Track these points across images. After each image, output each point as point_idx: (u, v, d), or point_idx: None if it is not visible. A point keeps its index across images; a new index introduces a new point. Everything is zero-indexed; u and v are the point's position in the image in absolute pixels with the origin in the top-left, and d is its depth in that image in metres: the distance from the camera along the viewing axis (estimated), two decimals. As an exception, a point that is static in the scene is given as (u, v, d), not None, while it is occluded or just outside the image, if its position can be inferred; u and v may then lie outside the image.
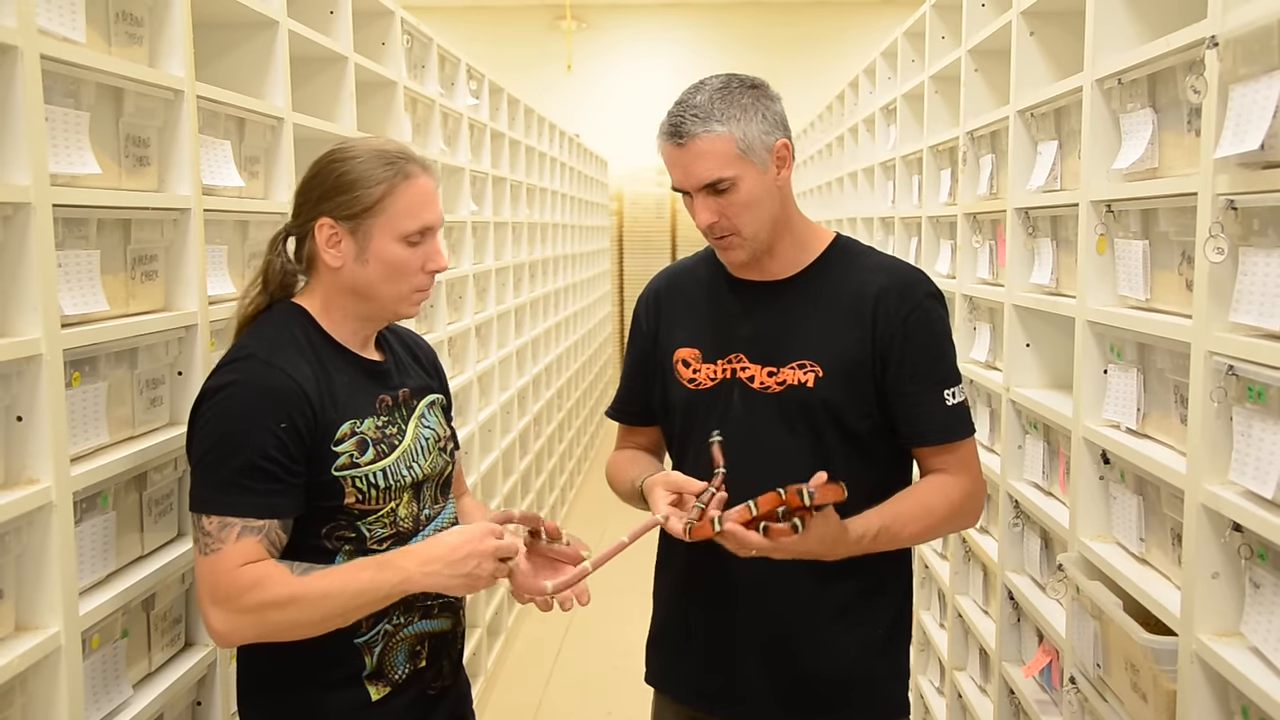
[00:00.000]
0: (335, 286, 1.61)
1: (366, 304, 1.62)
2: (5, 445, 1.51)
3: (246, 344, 1.57)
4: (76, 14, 1.64)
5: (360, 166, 1.57)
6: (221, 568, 1.46)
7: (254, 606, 1.45)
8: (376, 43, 3.22)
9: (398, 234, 1.58)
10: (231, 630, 1.47)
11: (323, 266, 1.61)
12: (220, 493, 1.48)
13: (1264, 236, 1.50)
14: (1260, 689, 1.42)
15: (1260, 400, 1.48)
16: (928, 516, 1.69)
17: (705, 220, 1.69)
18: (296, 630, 1.48)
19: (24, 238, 1.49)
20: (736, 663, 1.76)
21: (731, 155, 1.64)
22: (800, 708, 1.76)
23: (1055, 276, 2.39)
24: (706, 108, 1.65)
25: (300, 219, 1.62)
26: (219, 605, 1.46)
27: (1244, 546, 1.55)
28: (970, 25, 3.00)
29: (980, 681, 2.96)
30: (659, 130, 1.70)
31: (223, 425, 1.50)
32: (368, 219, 1.57)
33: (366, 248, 1.58)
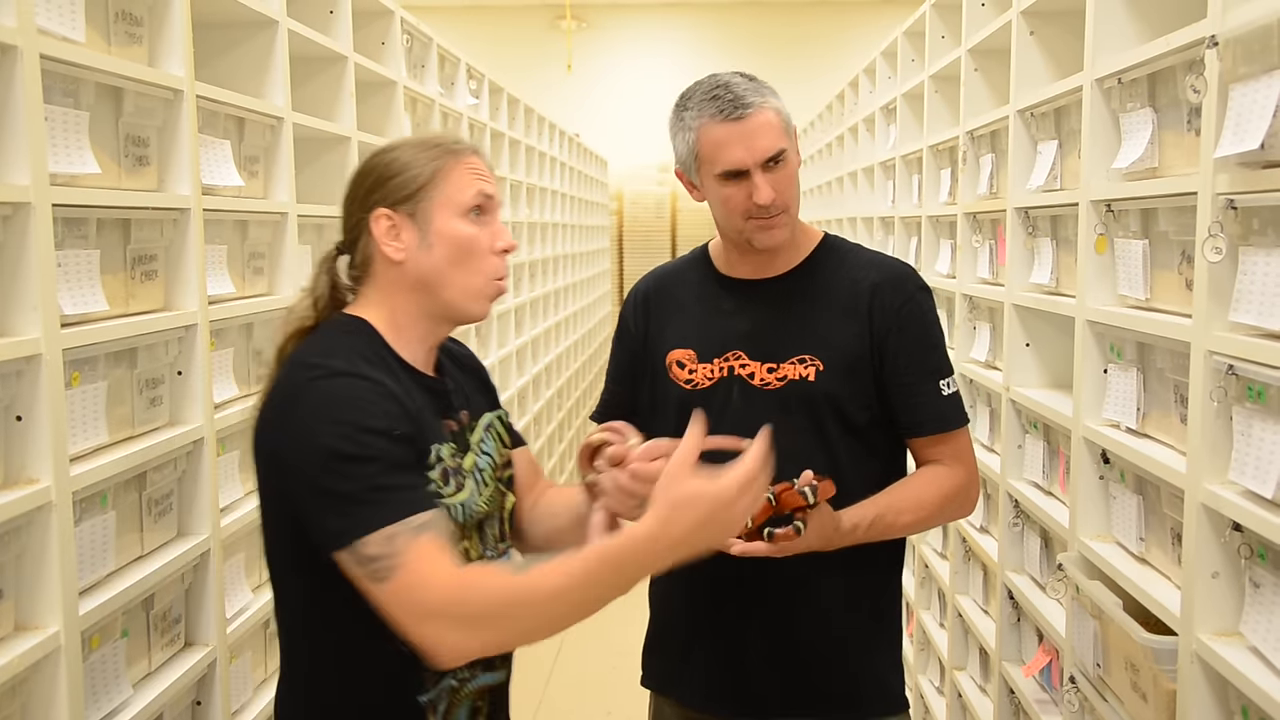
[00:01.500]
0: (400, 285, 1.43)
1: (435, 300, 1.43)
2: (5, 445, 1.51)
3: (324, 360, 1.35)
4: (76, 13, 1.64)
5: (406, 153, 1.45)
6: (414, 583, 1.22)
7: (476, 616, 1.23)
8: (376, 42, 3.22)
9: (459, 208, 1.42)
10: (457, 644, 1.24)
11: (382, 268, 1.43)
12: (364, 506, 1.25)
13: (1264, 236, 1.50)
14: (1260, 688, 1.42)
15: (1260, 400, 1.48)
16: (921, 507, 1.71)
17: (768, 196, 1.66)
18: (531, 635, 1.27)
19: (23, 237, 1.49)
20: (743, 662, 1.76)
21: (782, 128, 1.69)
22: (809, 704, 1.76)
23: (1055, 276, 2.39)
24: (751, 85, 1.69)
25: (351, 223, 1.47)
26: (433, 620, 1.23)
27: (1244, 546, 1.55)
28: (970, 25, 2.99)
29: (980, 681, 2.96)
30: (702, 117, 1.67)
31: (335, 439, 1.26)
32: (424, 198, 1.42)
33: (429, 230, 1.41)
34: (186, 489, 1.96)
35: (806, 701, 1.76)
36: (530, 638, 1.27)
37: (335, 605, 1.32)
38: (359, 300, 1.46)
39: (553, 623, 1.25)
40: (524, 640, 1.29)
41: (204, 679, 1.97)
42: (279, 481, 1.33)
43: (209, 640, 1.98)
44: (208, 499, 1.97)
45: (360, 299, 1.46)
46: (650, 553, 1.23)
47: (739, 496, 1.23)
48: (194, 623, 1.99)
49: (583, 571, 1.22)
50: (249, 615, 2.13)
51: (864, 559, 1.70)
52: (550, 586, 1.22)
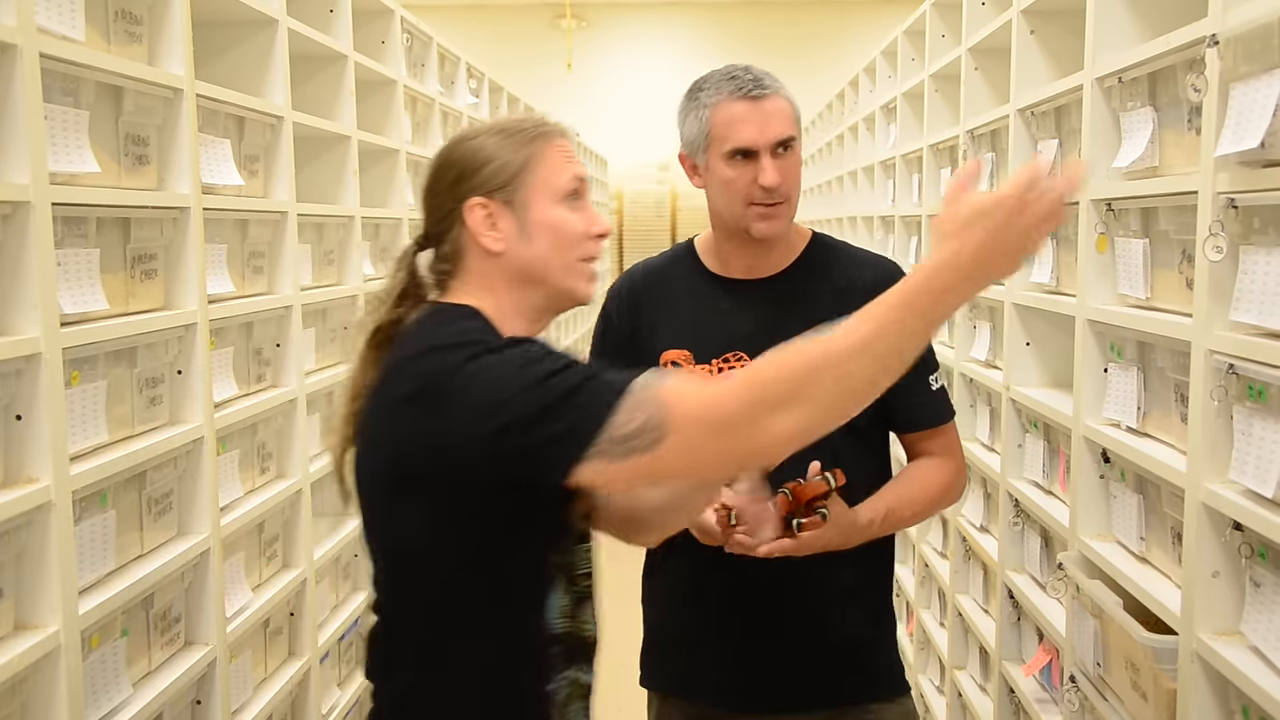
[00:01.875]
0: (501, 278, 1.36)
1: (539, 290, 1.38)
2: (4, 444, 1.51)
3: (462, 336, 1.28)
4: (76, 12, 1.64)
5: (494, 139, 1.38)
6: (695, 413, 1.16)
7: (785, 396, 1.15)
8: (376, 41, 3.22)
9: (556, 194, 1.37)
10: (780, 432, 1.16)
11: (478, 260, 1.36)
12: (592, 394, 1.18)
13: (1264, 235, 1.50)
14: (1260, 688, 1.42)
15: (1260, 399, 1.48)
16: (926, 498, 1.76)
17: (773, 180, 1.69)
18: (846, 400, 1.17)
19: (23, 236, 1.49)
20: (754, 658, 1.78)
21: (795, 118, 1.73)
22: (822, 694, 1.79)
23: (1055, 275, 2.39)
24: (767, 74, 1.73)
25: (438, 215, 1.39)
26: (742, 424, 1.16)
27: (1244, 545, 1.54)
28: (970, 24, 2.99)
29: (980, 680, 2.96)
30: (718, 95, 1.70)
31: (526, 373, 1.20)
32: (521, 185, 1.35)
33: (527, 219, 1.35)
34: (186, 488, 1.96)
35: (819, 691, 1.78)
36: (846, 403, 1.18)
37: (481, 598, 1.30)
38: (452, 294, 1.38)
39: (864, 379, 1.16)
40: (842, 406, 1.18)
41: (204, 678, 1.97)
42: (439, 470, 1.24)
43: (209, 639, 1.98)
44: (207, 498, 1.97)
45: (452, 293, 1.38)
46: (949, 282, 1.15)
47: (1026, 198, 1.15)
48: (193, 622, 1.99)
49: (882, 318, 1.15)
50: (249, 614, 2.13)
51: (864, 550, 1.73)
52: (850, 343, 1.15)
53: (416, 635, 1.34)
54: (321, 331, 2.70)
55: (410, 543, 1.32)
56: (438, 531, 1.29)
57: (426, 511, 1.28)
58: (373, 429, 1.32)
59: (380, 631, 1.38)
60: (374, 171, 3.20)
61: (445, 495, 1.26)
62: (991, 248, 1.15)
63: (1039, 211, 1.16)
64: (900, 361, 1.17)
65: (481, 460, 1.22)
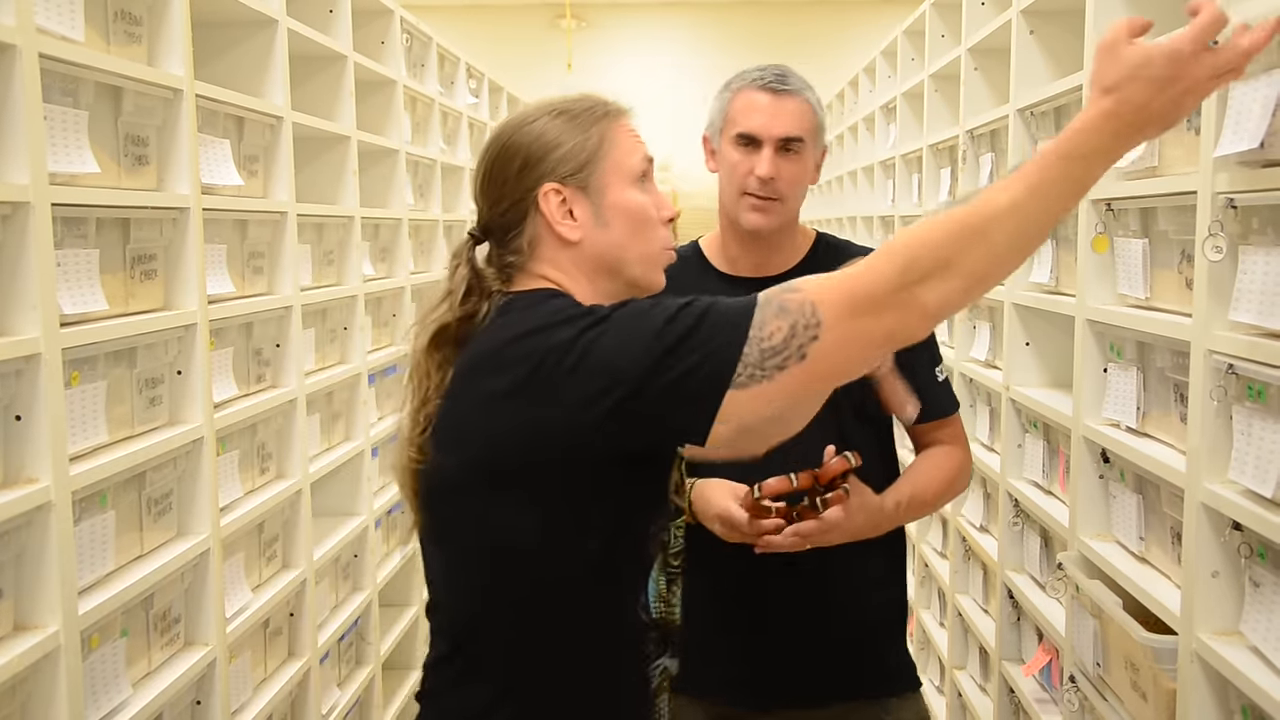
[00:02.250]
0: (577, 269, 1.29)
1: (616, 280, 1.31)
2: (4, 444, 1.51)
3: (559, 311, 1.22)
4: (75, 13, 1.64)
5: (559, 122, 1.31)
6: (844, 299, 1.12)
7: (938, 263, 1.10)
8: (376, 41, 3.22)
9: (630, 176, 1.30)
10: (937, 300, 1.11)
11: (552, 250, 1.29)
12: (723, 319, 1.14)
13: (1263, 235, 1.50)
14: (1260, 688, 1.42)
15: (1260, 399, 1.48)
16: (941, 482, 1.79)
17: (767, 171, 1.72)
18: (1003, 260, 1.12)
19: (23, 237, 1.49)
20: (773, 652, 1.79)
21: (812, 125, 1.75)
22: (839, 687, 1.80)
23: (1055, 275, 2.39)
24: (801, 79, 1.77)
25: (502, 205, 1.31)
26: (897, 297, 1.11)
27: (1244, 545, 1.54)
28: (970, 24, 2.99)
29: (980, 680, 2.96)
30: (744, 81, 1.75)
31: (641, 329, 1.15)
32: (595, 169, 1.29)
33: (602, 204, 1.29)
34: (186, 488, 1.96)
35: (837, 685, 1.79)
36: (993, 268, 1.12)
37: (583, 589, 1.24)
38: (519, 286, 1.31)
39: (1020, 239, 1.11)
40: (1000, 267, 1.13)
41: (203, 678, 1.97)
42: (548, 459, 1.18)
43: (208, 640, 1.98)
44: (207, 498, 1.97)
45: (520, 285, 1.31)
46: (1104, 142, 1.08)
47: (1198, 45, 1.07)
48: (193, 622, 1.99)
49: (1038, 172, 1.09)
50: (248, 615, 2.13)
51: (884, 542, 1.76)
52: (999, 206, 1.09)
53: (505, 637, 1.26)
54: (321, 332, 2.70)
55: (508, 540, 1.24)
56: (543, 522, 1.22)
57: (530, 504, 1.22)
58: (458, 428, 1.24)
59: (453, 645, 1.29)
60: (373, 172, 3.20)
61: (556, 483, 1.20)
62: (1160, 99, 1.07)
63: (1217, 64, 1.08)
64: (1048, 225, 1.12)
65: (599, 438, 1.15)
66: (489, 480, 1.23)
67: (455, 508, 1.26)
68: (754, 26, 11.04)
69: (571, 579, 1.24)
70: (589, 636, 1.26)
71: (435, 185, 3.76)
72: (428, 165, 3.72)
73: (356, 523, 2.83)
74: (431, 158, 3.71)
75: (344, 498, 2.88)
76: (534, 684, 1.26)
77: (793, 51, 10.51)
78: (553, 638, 1.25)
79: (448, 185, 3.99)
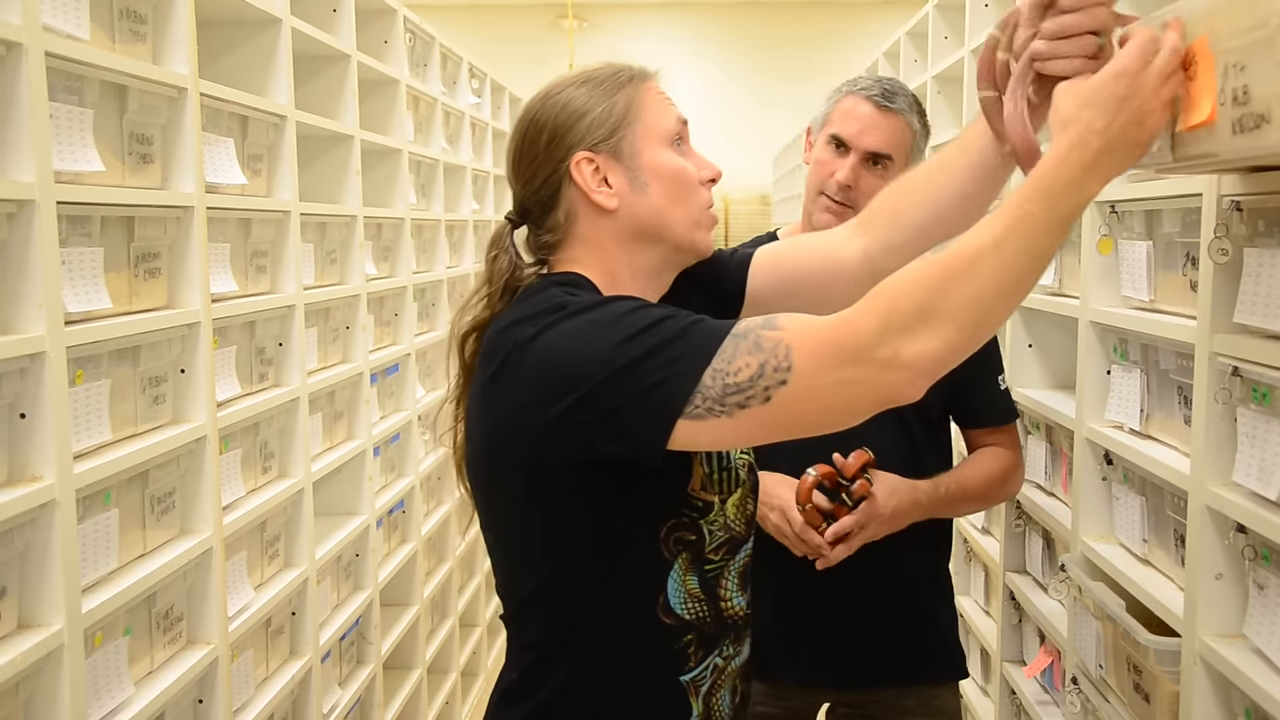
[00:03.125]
0: (616, 239, 1.26)
1: (659, 246, 1.27)
2: (8, 442, 1.51)
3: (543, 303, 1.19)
4: (81, 11, 1.64)
5: (585, 90, 1.27)
6: (823, 347, 1.07)
7: (919, 312, 1.05)
8: (379, 41, 3.22)
9: (664, 137, 1.27)
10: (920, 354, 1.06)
11: (590, 223, 1.26)
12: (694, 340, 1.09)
13: (1269, 238, 1.50)
14: (1264, 690, 1.42)
15: (1265, 402, 1.48)
16: (990, 477, 1.85)
17: (846, 178, 1.76)
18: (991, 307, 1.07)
19: (28, 235, 1.49)
20: (828, 636, 1.85)
21: (905, 148, 1.80)
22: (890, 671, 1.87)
23: (1058, 277, 2.39)
24: (911, 99, 1.82)
25: (535, 182, 1.27)
26: (877, 351, 1.05)
27: (1248, 548, 1.54)
28: (973, 25, 2.99)
29: (981, 682, 2.96)
30: (852, 86, 1.80)
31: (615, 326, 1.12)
32: (627, 133, 1.25)
33: (638, 168, 1.25)
34: (189, 487, 1.96)
35: (890, 670, 1.86)
36: (980, 316, 1.06)
37: (591, 586, 1.21)
38: (558, 266, 1.28)
39: (1006, 279, 1.05)
40: (988, 312, 1.07)
41: (206, 677, 1.97)
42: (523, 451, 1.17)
43: (211, 638, 1.98)
44: (210, 497, 1.97)
45: (559, 265, 1.28)
46: (1080, 164, 1.05)
47: (1141, 61, 1.07)
48: (196, 621, 1.99)
49: (1016, 208, 1.06)
50: (251, 613, 2.13)
51: (928, 530, 1.83)
52: (986, 240, 1.06)
53: (532, 629, 1.25)
54: (324, 331, 2.70)
55: (512, 528, 1.24)
56: (533, 515, 1.21)
57: (521, 494, 1.20)
58: (469, 416, 1.24)
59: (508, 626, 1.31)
60: (376, 171, 3.20)
61: (536, 477, 1.18)
62: (1115, 124, 1.07)
63: (1161, 70, 1.08)
64: (1033, 263, 1.06)
65: (560, 440, 1.13)
66: (489, 467, 1.22)
67: (477, 496, 1.28)
68: (755, 27, 11.05)
69: (567, 573, 1.22)
70: (602, 639, 1.23)
71: (438, 185, 3.76)
72: (430, 165, 3.72)
73: (358, 522, 2.83)
74: (434, 157, 3.71)
75: (346, 497, 2.88)
76: (550, 675, 1.23)
77: (794, 52, 10.52)
78: (562, 630, 1.23)
79: (450, 185, 3.99)
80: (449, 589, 3.85)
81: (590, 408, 1.10)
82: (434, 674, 3.63)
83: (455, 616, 3.88)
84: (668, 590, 1.22)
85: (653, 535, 1.21)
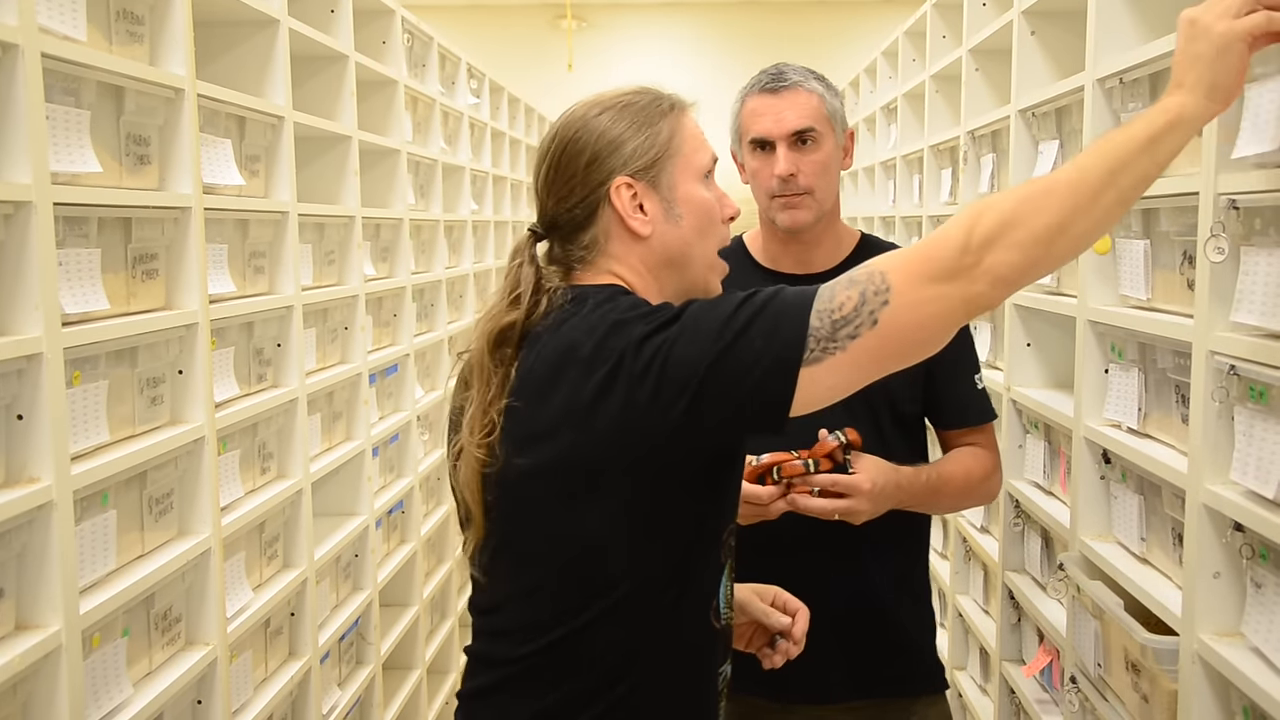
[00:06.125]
0: (645, 263, 1.30)
1: (683, 276, 1.31)
2: (6, 444, 1.51)
3: (634, 307, 1.22)
4: (77, 12, 1.64)
5: (626, 116, 1.31)
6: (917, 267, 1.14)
7: (1002, 226, 1.13)
8: (377, 41, 3.22)
9: (698, 172, 1.31)
10: (1008, 267, 1.13)
11: (621, 246, 1.29)
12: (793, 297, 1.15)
13: (1266, 236, 1.50)
14: (1261, 689, 1.42)
15: (1262, 400, 1.48)
16: (968, 475, 1.81)
17: (785, 169, 1.73)
18: (1079, 222, 1.14)
19: (25, 236, 1.49)
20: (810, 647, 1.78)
21: (821, 113, 1.75)
22: (868, 686, 1.82)
23: (1056, 276, 2.39)
24: (804, 71, 1.77)
25: (570, 201, 1.30)
26: (969, 265, 1.12)
27: (1245, 546, 1.54)
28: (971, 25, 2.99)
29: (980, 681, 2.96)
30: (747, 89, 1.77)
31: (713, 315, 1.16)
32: (667, 164, 1.29)
33: (674, 199, 1.29)
34: (187, 488, 1.96)
35: (865, 684, 1.82)
36: (1070, 229, 1.14)
37: (666, 597, 1.22)
38: (582, 279, 1.31)
39: (1083, 213, 1.13)
40: (1067, 232, 1.14)
41: (204, 678, 1.97)
42: (637, 457, 1.17)
43: (209, 639, 1.98)
44: (208, 498, 1.97)
45: (584, 278, 1.30)
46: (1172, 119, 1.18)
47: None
48: (194, 622, 1.98)
49: (1103, 155, 1.16)
50: (249, 614, 2.13)
51: (905, 537, 1.81)
52: (1070, 177, 1.14)
53: (581, 643, 1.23)
54: (322, 331, 2.70)
55: (593, 544, 1.21)
56: (626, 525, 1.20)
57: (612, 506, 1.19)
58: (537, 428, 1.20)
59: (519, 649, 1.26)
60: (375, 172, 3.20)
61: (637, 486, 1.19)
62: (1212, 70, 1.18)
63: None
64: (1117, 192, 1.15)
65: (680, 437, 1.15)
66: (572, 481, 1.20)
67: (531, 510, 1.23)
68: (754, 27, 11.04)
69: (648, 584, 1.22)
70: (665, 644, 1.24)
71: (436, 185, 3.76)
72: (429, 165, 3.72)
73: (357, 522, 2.83)
74: (432, 158, 3.71)
75: (345, 498, 2.88)
76: (605, 691, 1.23)
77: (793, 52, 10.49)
78: (629, 644, 1.23)
79: (448, 185, 3.99)
80: (448, 589, 3.85)
81: (718, 387, 1.13)
82: (433, 674, 3.63)
83: (455, 617, 3.88)
84: (720, 595, 1.27)
85: (718, 539, 1.25)
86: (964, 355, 1.85)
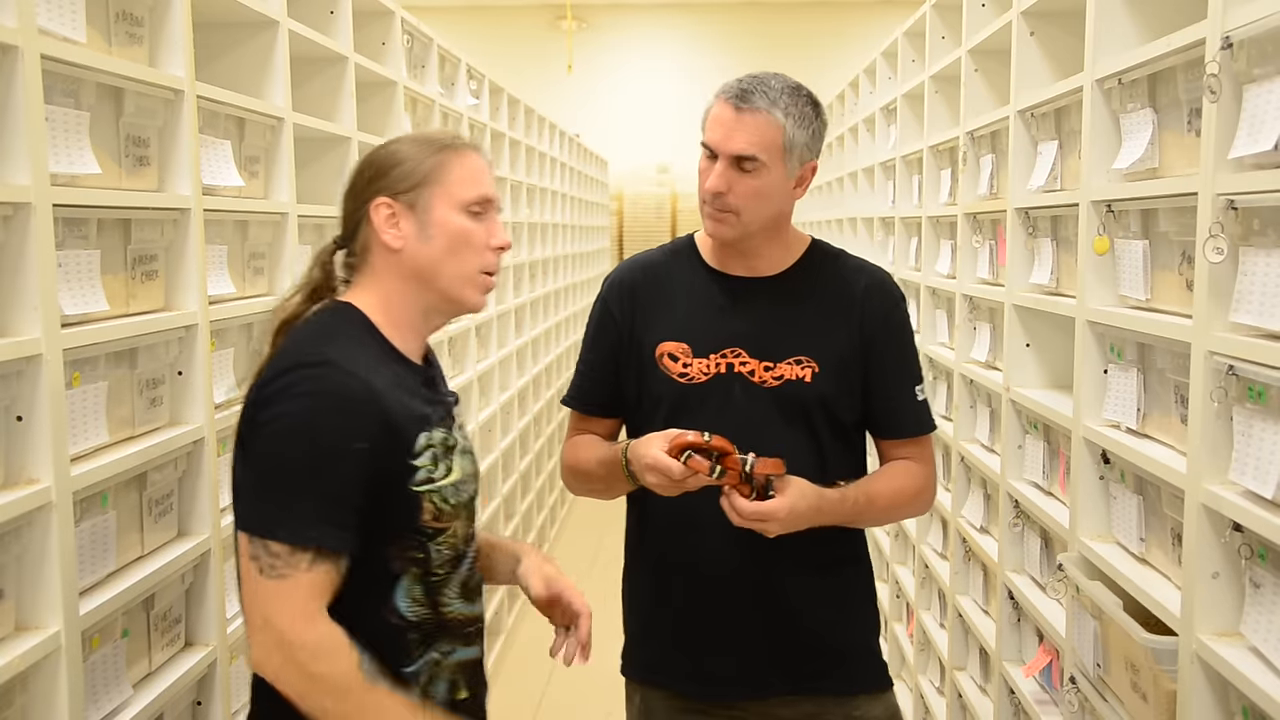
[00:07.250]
0: (396, 275, 1.47)
1: (430, 291, 1.48)
2: (5, 445, 1.51)
3: (317, 348, 1.40)
4: (77, 14, 1.64)
5: (408, 146, 1.50)
6: (290, 599, 1.31)
7: (311, 675, 1.31)
8: (377, 42, 3.22)
9: (458, 203, 1.47)
10: (276, 678, 1.32)
11: (380, 256, 1.48)
12: (296, 519, 1.32)
13: (1264, 236, 1.50)
14: (1260, 689, 1.42)
15: (1260, 400, 1.48)
16: (897, 491, 1.80)
17: (715, 187, 1.72)
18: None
19: (24, 237, 1.49)
20: (731, 643, 1.80)
21: (775, 145, 1.70)
22: (799, 681, 1.81)
23: (1055, 276, 2.39)
24: (777, 93, 1.71)
25: (349, 212, 1.52)
26: (278, 648, 1.31)
27: (1244, 546, 1.55)
28: (970, 25, 2.99)
29: (980, 681, 2.96)
30: (719, 91, 1.74)
31: (302, 444, 1.34)
32: (425, 189, 1.46)
33: (428, 221, 1.46)
34: (187, 489, 1.97)
35: (796, 679, 1.81)
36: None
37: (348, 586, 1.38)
38: (353, 289, 1.51)
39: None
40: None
41: (204, 679, 1.97)
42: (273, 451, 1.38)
43: (209, 640, 1.98)
44: (208, 499, 1.97)
45: (354, 287, 1.50)
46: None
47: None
48: (194, 623, 1.99)
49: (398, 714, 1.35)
50: (249, 615, 2.13)
51: (836, 541, 1.79)
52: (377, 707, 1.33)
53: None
54: (322, 332, 2.70)
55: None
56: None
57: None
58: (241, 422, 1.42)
59: None
60: (374, 173, 3.20)
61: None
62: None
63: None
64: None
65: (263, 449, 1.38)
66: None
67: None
68: (754, 27, 11.05)
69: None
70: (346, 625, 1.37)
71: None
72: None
73: (357, 523, 2.83)
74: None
75: (344, 498, 2.88)
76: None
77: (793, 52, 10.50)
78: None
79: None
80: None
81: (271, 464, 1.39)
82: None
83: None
84: (395, 597, 1.43)
85: (380, 554, 1.42)
86: (905, 365, 1.82)
